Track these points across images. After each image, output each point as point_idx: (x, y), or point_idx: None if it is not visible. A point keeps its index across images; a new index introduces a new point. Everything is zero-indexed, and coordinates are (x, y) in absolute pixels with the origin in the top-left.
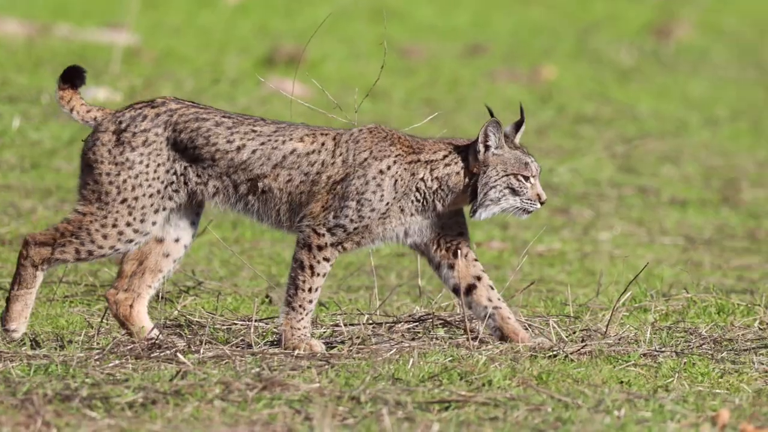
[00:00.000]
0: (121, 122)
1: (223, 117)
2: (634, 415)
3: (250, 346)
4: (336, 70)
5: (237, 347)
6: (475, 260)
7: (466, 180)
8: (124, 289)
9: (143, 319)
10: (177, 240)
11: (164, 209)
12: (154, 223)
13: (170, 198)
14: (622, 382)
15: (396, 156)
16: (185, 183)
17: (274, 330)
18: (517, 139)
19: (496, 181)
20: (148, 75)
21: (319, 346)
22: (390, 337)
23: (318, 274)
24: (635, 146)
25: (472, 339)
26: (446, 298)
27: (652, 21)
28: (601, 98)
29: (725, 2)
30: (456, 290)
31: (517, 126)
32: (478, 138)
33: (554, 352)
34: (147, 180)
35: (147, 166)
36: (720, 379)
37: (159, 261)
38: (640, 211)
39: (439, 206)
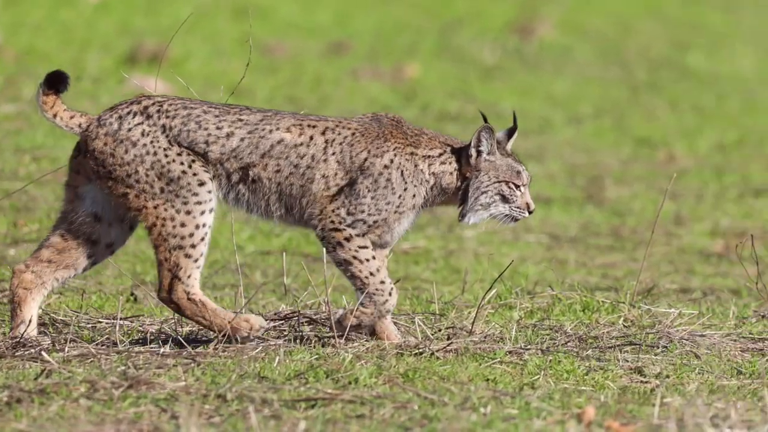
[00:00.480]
0: (111, 123)
1: (209, 107)
2: (500, 413)
3: (115, 344)
4: (199, 68)
5: (102, 345)
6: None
7: (458, 182)
8: (32, 271)
9: (32, 312)
10: (109, 245)
11: (202, 183)
12: (209, 191)
13: (196, 174)
14: (488, 379)
15: (394, 149)
16: (199, 161)
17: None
18: (509, 146)
19: (487, 186)
20: (9, 73)
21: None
22: (256, 335)
23: (366, 260)
24: None
25: (338, 337)
26: (312, 296)
27: (515, 19)
28: (465, 96)
29: (587, 1)
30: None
31: (510, 133)
32: (470, 142)
33: (420, 350)
34: (164, 165)
35: (155, 153)
36: (585, 377)
37: (80, 260)
38: None
39: (429, 203)
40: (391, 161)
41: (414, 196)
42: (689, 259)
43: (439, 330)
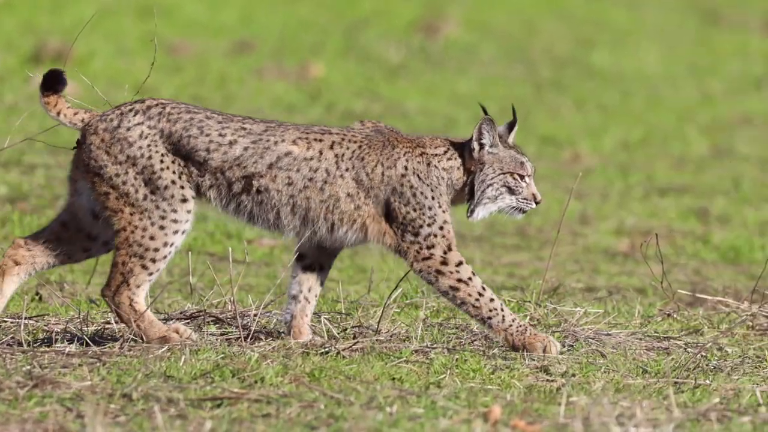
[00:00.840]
0: (111, 120)
1: (212, 113)
2: (406, 412)
3: (20, 343)
4: (104, 67)
5: (7, 345)
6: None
7: (464, 177)
8: (30, 249)
9: (9, 288)
10: (105, 243)
11: (184, 200)
12: (188, 212)
13: (183, 187)
14: (394, 378)
15: (404, 154)
16: (189, 174)
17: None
18: (511, 139)
19: (493, 179)
20: None
21: (554, 345)
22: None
23: (469, 279)
24: None
25: (245, 336)
26: (218, 295)
27: (420, 18)
28: (370, 95)
29: (492, 0)
30: (300, 256)
31: (510, 126)
32: (472, 136)
33: (326, 349)
34: (155, 172)
35: (150, 158)
36: (491, 375)
37: (75, 252)
38: None
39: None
40: (405, 168)
41: (441, 194)
42: (594, 258)
43: (345, 329)
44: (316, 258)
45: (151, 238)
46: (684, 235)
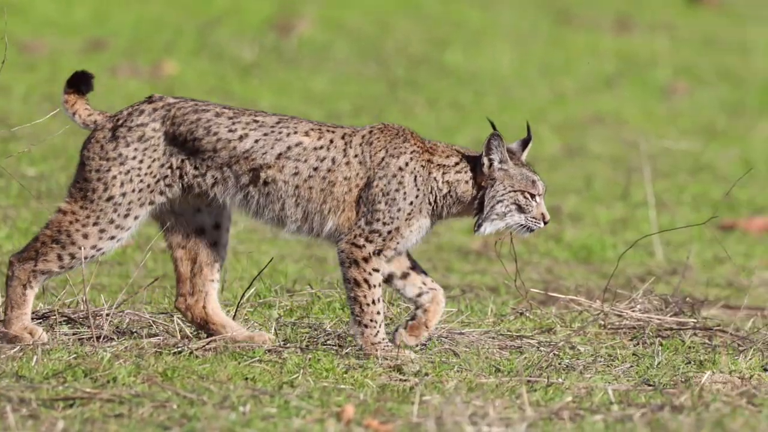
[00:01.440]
0: (117, 119)
1: (223, 108)
2: (259, 411)
3: None
4: None
5: None
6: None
7: (474, 192)
8: (190, 293)
9: (222, 317)
10: (217, 226)
11: (151, 203)
12: (137, 218)
13: (161, 192)
14: (247, 378)
15: (412, 152)
16: (180, 176)
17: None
18: (524, 157)
19: (503, 195)
20: None
21: (412, 356)
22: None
23: (374, 286)
24: None
25: (97, 336)
26: (70, 294)
27: (274, 16)
28: (224, 93)
29: None
30: (390, 278)
31: (524, 143)
32: (482, 151)
33: (179, 349)
34: (138, 175)
35: (141, 161)
36: (345, 375)
37: (210, 252)
38: None
39: (444, 212)
40: (406, 164)
41: (421, 204)
42: (448, 256)
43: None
44: (398, 266)
45: (84, 236)
46: (537, 233)
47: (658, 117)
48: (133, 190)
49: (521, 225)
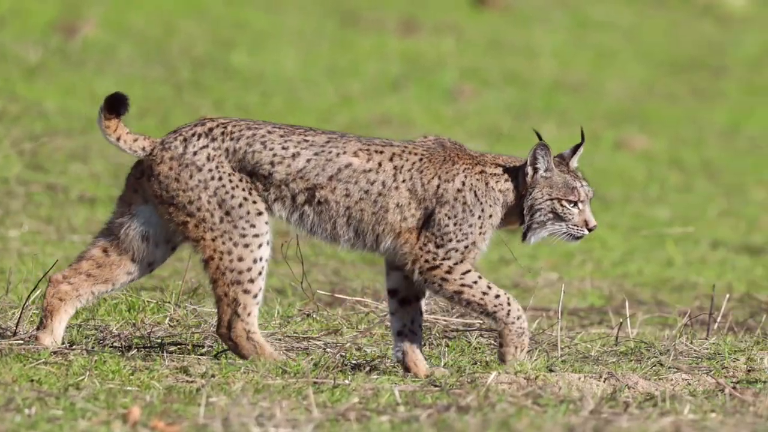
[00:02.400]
0: (176, 147)
1: (274, 126)
2: (45, 414)
3: None
4: None
5: None
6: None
7: (517, 201)
8: (70, 282)
9: (60, 325)
10: (150, 264)
11: (260, 213)
12: (266, 223)
13: (255, 201)
14: (32, 380)
15: (464, 171)
16: (257, 189)
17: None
18: (573, 162)
19: (540, 204)
20: None
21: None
22: None
23: (474, 282)
24: (42, 143)
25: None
26: None
27: (58, 18)
28: (8, 95)
29: (130, 1)
30: (392, 292)
31: (575, 149)
32: (527, 160)
33: None
34: (228, 192)
35: (220, 179)
36: (131, 377)
37: (119, 275)
38: (49, 209)
39: (501, 222)
40: (463, 183)
41: (491, 215)
42: None
43: None
44: (409, 290)
45: (240, 259)
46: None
47: (445, 119)
48: (233, 207)
49: (563, 233)
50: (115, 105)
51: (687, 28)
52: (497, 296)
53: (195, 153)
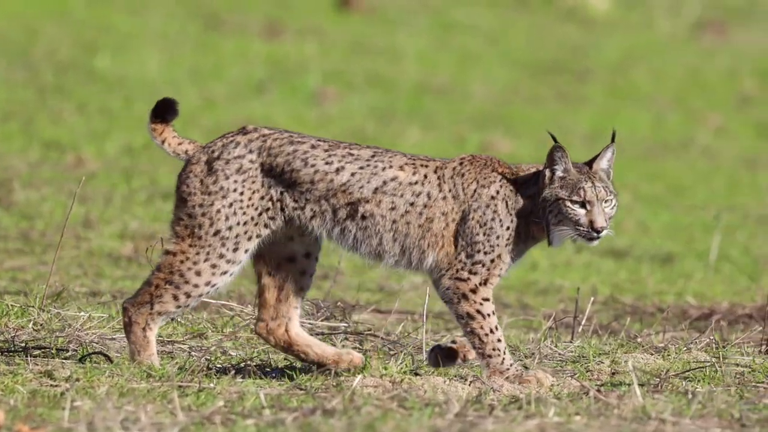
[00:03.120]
0: (213, 151)
1: (318, 141)
2: None
3: None
4: None
5: None
6: None
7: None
8: (272, 317)
9: (306, 337)
10: (308, 255)
11: (258, 236)
12: (246, 251)
13: (265, 225)
14: None
15: (501, 181)
16: (282, 209)
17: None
18: (601, 164)
19: (551, 205)
20: None
21: (545, 376)
22: None
23: (488, 315)
24: None
25: None
26: None
27: None
28: None
29: None
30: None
31: (606, 150)
32: (545, 164)
33: None
34: (242, 207)
35: (242, 193)
36: None
37: (298, 280)
38: None
39: (533, 230)
40: (497, 192)
41: (518, 227)
42: (99, 262)
43: None
44: None
45: (197, 273)
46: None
47: (309, 122)
48: (238, 223)
49: (574, 234)
50: (163, 110)
51: (550, 31)
52: (499, 340)
53: (228, 161)
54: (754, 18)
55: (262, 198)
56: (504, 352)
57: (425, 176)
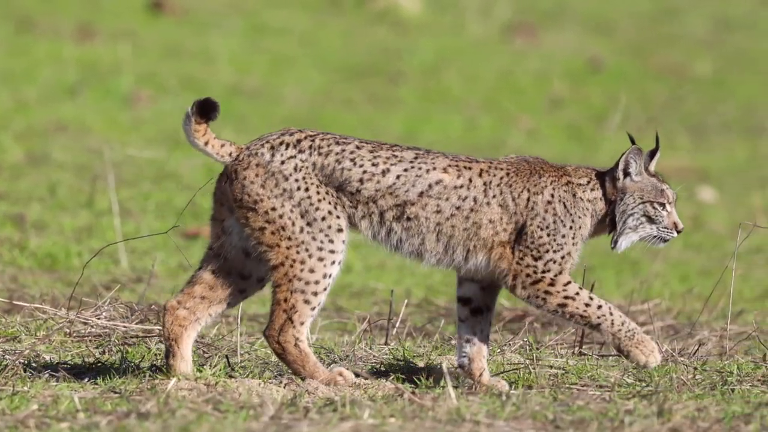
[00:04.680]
0: (263, 154)
1: (361, 142)
2: None
3: None
4: None
5: None
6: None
7: (606, 208)
8: (186, 307)
9: (188, 350)
10: (260, 279)
11: (340, 230)
12: (343, 242)
13: (339, 217)
14: None
15: (551, 183)
16: (342, 204)
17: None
18: (652, 167)
19: (633, 208)
20: None
21: (655, 356)
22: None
23: (576, 294)
24: None
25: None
26: None
27: None
28: None
29: None
30: (464, 300)
31: (652, 154)
32: (618, 165)
33: None
34: (312, 204)
35: (307, 189)
36: None
37: (232, 294)
38: None
39: (590, 231)
40: (552, 195)
41: (581, 226)
42: None
43: None
44: (482, 300)
45: (311, 270)
46: (0, 242)
47: (122, 125)
48: (316, 219)
49: (654, 236)
50: (206, 110)
51: (363, 34)
52: (599, 307)
53: (282, 162)
54: (564, 20)
55: (327, 192)
56: (610, 314)
57: (470, 180)
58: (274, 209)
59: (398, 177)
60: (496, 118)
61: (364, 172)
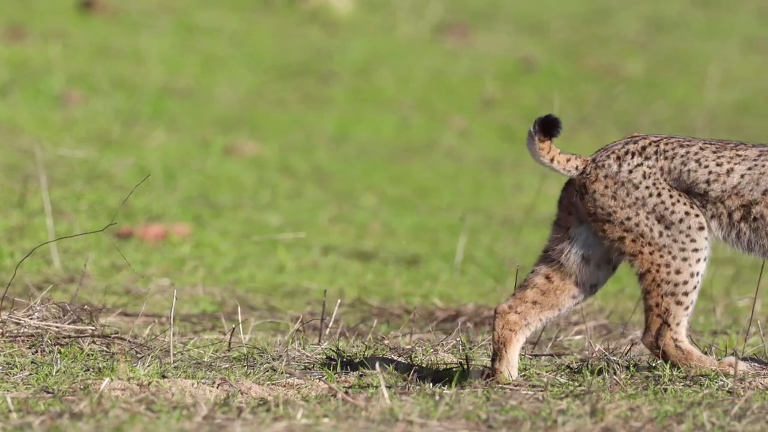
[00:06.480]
0: (609, 165)
1: (705, 143)
2: None
3: None
4: None
5: None
6: None
7: None
8: (517, 312)
9: (515, 355)
10: (593, 286)
11: (701, 228)
12: (706, 238)
13: (698, 215)
14: None
15: None
16: (695, 205)
17: None
18: None
19: None
20: None
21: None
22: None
23: None
24: None
25: None
26: None
27: None
28: None
29: None
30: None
31: None
32: None
33: None
34: (667, 208)
35: (659, 195)
36: None
37: (564, 300)
38: None
39: None
40: None
41: None
42: None
43: None
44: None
45: (677, 272)
46: None
47: (54, 125)
48: (674, 222)
49: None
50: (549, 127)
51: (295, 33)
52: None
53: (630, 171)
54: (496, 21)
55: (680, 195)
56: None
57: None
58: (629, 219)
59: (742, 176)
60: (428, 118)
61: (710, 172)
